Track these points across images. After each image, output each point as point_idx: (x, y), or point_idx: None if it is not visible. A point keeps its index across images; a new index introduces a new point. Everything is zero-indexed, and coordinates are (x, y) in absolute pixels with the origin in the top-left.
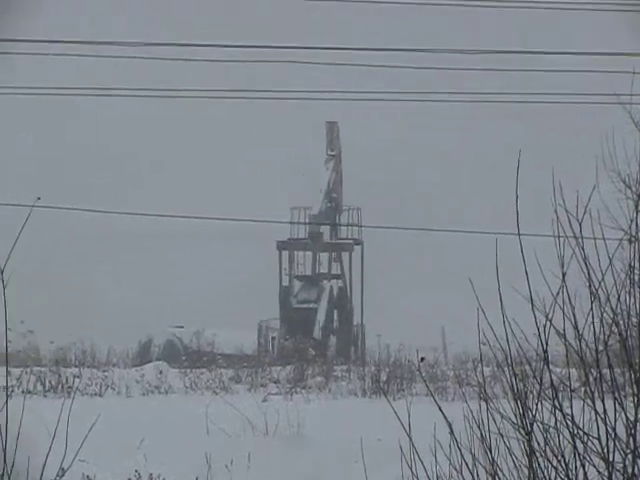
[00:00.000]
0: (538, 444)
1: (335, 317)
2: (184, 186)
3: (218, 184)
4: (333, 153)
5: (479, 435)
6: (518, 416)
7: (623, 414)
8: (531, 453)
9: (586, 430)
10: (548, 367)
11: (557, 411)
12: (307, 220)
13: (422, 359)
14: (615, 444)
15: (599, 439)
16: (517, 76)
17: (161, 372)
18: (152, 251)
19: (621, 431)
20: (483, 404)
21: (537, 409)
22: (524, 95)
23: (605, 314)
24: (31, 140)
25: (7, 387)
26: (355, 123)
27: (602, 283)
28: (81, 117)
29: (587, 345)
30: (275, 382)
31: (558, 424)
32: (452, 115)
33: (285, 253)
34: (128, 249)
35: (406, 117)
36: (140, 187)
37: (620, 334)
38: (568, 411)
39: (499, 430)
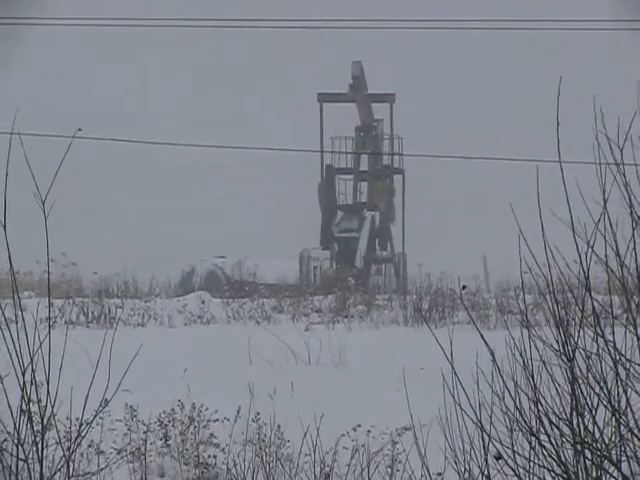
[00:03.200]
0: (580, 371)
1: (377, 246)
2: (220, 118)
3: (241, 116)
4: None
5: (521, 362)
6: (560, 343)
7: None
8: (573, 380)
9: (628, 356)
10: (590, 294)
11: (599, 338)
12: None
13: (464, 287)
14: None
15: None
16: (559, 2)
17: (203, 302)
18: (193, 182)
19: None
20: (525, 331)
21: (579, 336)
22: (565, 22)
23: None
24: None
25: (50, 318)
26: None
27: None
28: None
29: (629, 272)
30: (317, 311)
31: (600, 351)
32: (495, 40)
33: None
34: (170, 181)
35: (437, 48)
36: (175, 117)
37: None
38: (610, 338)
39: (541, 357)
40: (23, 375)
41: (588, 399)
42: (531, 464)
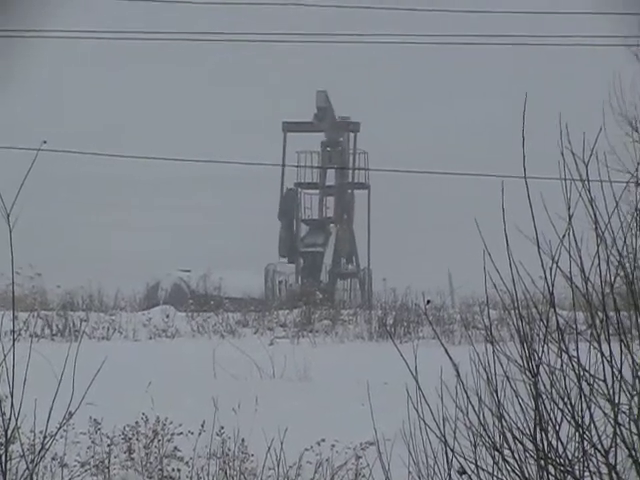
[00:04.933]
0: (544, 386)
1: (342, 261)
2: (185, 132)
3: (215, 135)
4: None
5: (485, 378)
6: (524, 358)
7: (629, 356)
8: (537, 395)
9: (592, 372)
10: (554, 309)
11: (563, 353)
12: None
13: (428, 302)
14: (621, 386)
15: (605, 381)
16: (524, 18)
17: (168, 316)
18: (159, 196)
19: (627, 373)
20: (490, 347)
21: (543, 351)
22: (530, 37)
23: (611, 256)
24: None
25: (14, 331)
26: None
27: (608, 225)
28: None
29: (593, 287)
30: (282, 325)
31: (564, 366)
32: (458, 58)
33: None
34: (135, 194)
35: (408, 61)
36: (141, 132)
37: (626, 276)
38: (574, 353)
39: (505, 373)
40: None
41: (552, 414)
42: (494, 479)
